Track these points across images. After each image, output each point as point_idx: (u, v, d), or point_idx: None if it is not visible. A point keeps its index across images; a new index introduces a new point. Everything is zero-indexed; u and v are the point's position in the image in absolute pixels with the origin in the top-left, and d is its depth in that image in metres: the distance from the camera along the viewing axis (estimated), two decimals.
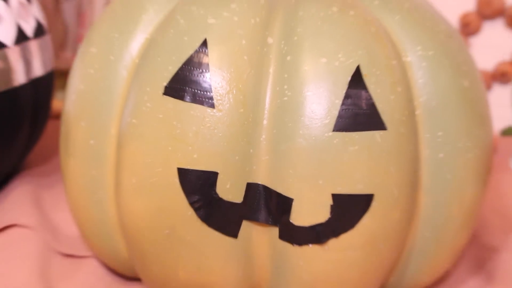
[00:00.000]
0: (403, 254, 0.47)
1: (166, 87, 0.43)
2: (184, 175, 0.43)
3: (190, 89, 0.43)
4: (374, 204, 0.43)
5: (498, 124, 0.80)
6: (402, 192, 0.44)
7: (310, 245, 0.43)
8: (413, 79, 0.45)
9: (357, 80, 0.43)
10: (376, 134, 0.42)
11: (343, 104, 0.42)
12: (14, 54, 0.60)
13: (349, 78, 0.42)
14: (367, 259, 0.45)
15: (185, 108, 0.43)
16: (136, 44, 0.47)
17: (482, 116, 0.47)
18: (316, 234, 0.43)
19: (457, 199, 0.46)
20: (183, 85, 0.43)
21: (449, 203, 0.46)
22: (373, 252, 0.44)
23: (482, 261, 0.57)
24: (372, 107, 0.42)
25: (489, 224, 0.63)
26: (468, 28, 0.84)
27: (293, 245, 0.43)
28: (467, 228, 0.49)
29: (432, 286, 0.52)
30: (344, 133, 0.42)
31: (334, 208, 0.42)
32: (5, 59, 0.59)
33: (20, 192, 0.64)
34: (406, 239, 0.46)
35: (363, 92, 0.42)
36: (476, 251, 0.59)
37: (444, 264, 0.50)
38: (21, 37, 0.61)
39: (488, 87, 0.86)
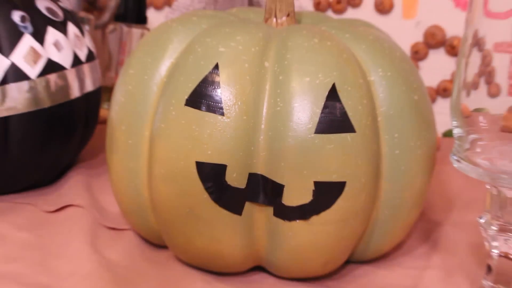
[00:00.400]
0: (368, 227, 0.47)
1: (187, 100, 0.43)
2: (201, 167, 0.42)
3: (205, 101, 0.43)
4: (346, 189, 0.43)
5: (441, 128, 0.80)
6: (368, 180, 0.44)
7: (297, 221, 0.43)
8: (375, 93, 0.45)
9: (333, 94, 0.42)
10: (348, 135, 0.42)
11: (322, 112, 0.42)
12: (71, 75, 0.60)
13: (326, 93, 0.42)
14: (341, 231, 0.44)
15: (202, 115, 0.42)
16: (164, 67, 0.47)
17: (428, 122, 0.47)
18: (302, 212, 0.43)
19: (409, 185, 0.46)
20: (200, 98, 0.43)
21: (403, 189, 0.46)
22: (345, 226, 0.44)
23: (429, 233, 0.57)
24: (344, 115, 0.42)
25: (434, 204, 0.63)
26: (417, 54, 0.84)
27: (284, 220, 0.43)
28: (417, 207, 0.49)
29: (390, 252, 0.52)
30: (323, 135, 0.42)
31: (315, 192, 0.42)
32: (65, 78, 0.59)
33: (75, 179, 0.64)
34: (371, 216, 0.46)
35: (337, 104, 0.42)
36: (424, 225, 0.58)
37: (400, 235, 0.50)
38: (76, 62, 0.61)
39: (433, 100, 0.86)
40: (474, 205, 0.63)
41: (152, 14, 0.97)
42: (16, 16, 0.57)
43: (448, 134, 0.83)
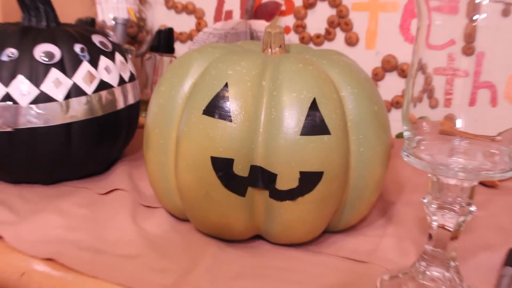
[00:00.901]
0: (340, 205, 0.47)
1: (204, 110, 0.43)
2: (214, 160, 0.42)
3: (218, 111, 0.42)
4: (324, 177, 0.43)
5: (394, 131, 0.80)
6: (340, 170, 0.43)
7: (287, 201, 0.43)
8: (346, 105, 0.45)
9: (314, 106, 0.42)
10: (325, 137, 0.42)
11: (305, 119, 0.42)
12: (117, 91, 0.60)
13: (309, 105, 0.42)
14: (320, 209, 0.44)
15: (215, 122, 0.42)
16: (187, 85, 0.47)
17: (385, 126, 0.47)
18: (290, 194, 0.43)
19: (371, 174, 0.46)
20: (214, 109, 0.43)
21: (366, 176, 0.46)
22: (323, 205, 0.44)
23: (385, 210, 0.57)
24: (322, 121, 0.42)
25: (389, 188, 0.63)
26: (377, 76, 0.84)
27: (277, 201, 0.43)
28: (377, 190, 0.48)
29: (356, 224, 0.52)
30: (306, 136, 0.42)
31: (301, 180, 0.42)
32: (113, 94, 0.59)
33: (120, 170, 0.64)
34: (342, 197, 0.46)
35: (317, 113, 0.42)
36: (382, 204, 0.58)
37: (364, 211, 0.49)
38: (121, 82, 0.61)
39: (389, 110, 0.86)
40: (419, 189, 0.63)
41: (178, 46, 0.97)
42: (77, 47, 0.57)
43: (399, 136, 0.83)
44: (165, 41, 0.88)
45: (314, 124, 0.42)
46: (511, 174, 0.37)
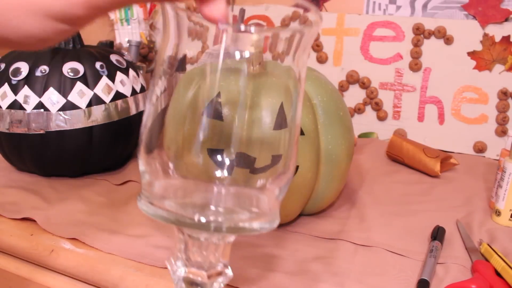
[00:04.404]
0: (313, 193, 0.46)
1: (203, 111, 0.43)
2: (210, 151, 0.42)
3: (213, 112, 0.42)
4: (299, 170, 0.42)
5: (356, 132, 0.80)
6: (312, 164, 0.43)
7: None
8: (317, 111, 0.44)
9: (281, 110, 0.42)
10: (300, 137, 0.41)
11: (276, 118, 0.41)
12: (130, 100, 0.59)
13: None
14: (296, 196, 0.43)
15: (210, 120, 0.42)
16: (190, 93, 0.45)
17: (349, 128, 0.47)
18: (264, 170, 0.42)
19: (338, 167, 0.45)
20: (211, 110, 0.42)
21: (333, 169, 0.45)
22: (299, 193, 0.43)
23: (349, 196, 0.56)
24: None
25: (352, 179, 0.63)
26: (342, 88, 0.83)
27: (254, 175, 0.43)
28: (342, 181, 0.48)
29: (326, 208, 0.51)
30: (278, 130, 0.41)
31: (272, 162, 0.42)
32: (126, 102, 0.58)
33: (133, 165, 0.63)
34: (314, 186, 0.45)
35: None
36: (347, 191, 0.58)
37: (332, 198, 0.49)
38: (134, 92, 0.60)
39: (352, 115, 0.85)
40: (377, 179, 0.62)
41: None
42: (98, 65, 0.56)
43: (361, 136, 0.82)
44: None
45: (283, 123, 0.42)
46: None
